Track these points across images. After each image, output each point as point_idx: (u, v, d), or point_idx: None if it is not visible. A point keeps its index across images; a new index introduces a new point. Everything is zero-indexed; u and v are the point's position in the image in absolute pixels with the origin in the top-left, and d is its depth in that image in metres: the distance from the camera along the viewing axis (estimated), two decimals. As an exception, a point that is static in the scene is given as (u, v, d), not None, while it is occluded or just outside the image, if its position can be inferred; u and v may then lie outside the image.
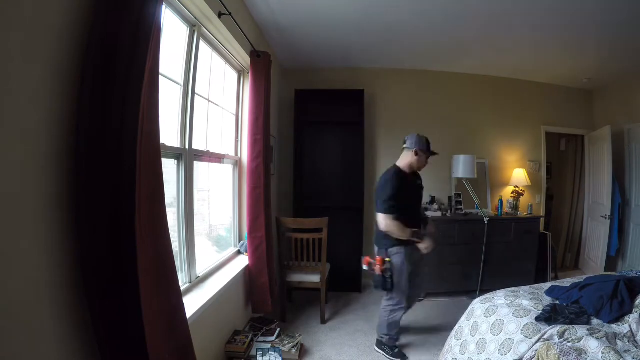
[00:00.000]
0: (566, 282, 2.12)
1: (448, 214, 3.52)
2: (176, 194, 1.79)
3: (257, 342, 2.26)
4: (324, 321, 2.82)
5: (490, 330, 1.70)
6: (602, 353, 1.29)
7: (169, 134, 1.72)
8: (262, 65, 2.49)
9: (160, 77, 1.22)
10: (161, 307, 1.17)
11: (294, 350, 2.21)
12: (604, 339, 1.38)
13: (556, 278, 3.62)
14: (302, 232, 2.74)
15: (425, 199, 3.74)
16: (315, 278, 2.78)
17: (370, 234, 3.82)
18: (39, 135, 0.89)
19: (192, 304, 1.63)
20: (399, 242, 2.17)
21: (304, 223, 2.76)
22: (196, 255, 1.91)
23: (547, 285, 2.09)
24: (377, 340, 2.39)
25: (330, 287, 3.22)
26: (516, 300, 1.84)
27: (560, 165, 4.79)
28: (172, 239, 1.27)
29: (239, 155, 2.75)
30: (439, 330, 2.66)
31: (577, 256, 4.43)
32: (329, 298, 3.16)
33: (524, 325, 1.58)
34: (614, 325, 1.58)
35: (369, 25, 2.74)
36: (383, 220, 2.13)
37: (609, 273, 2.65)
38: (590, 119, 4.25)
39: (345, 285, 3.55)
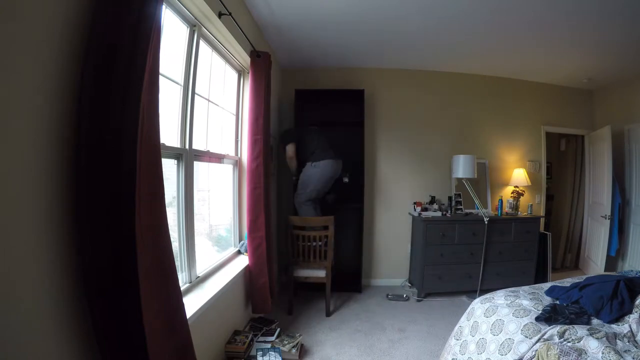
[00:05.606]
0: (566, 282, 2.12)
1: (448, 214, 3.52)
2: (176, 194, 1.79)
3: (257, 342, 2.26)
4: (329, 314, 2.92)
5: (490, 330, 1.70)
6: (602, 353, 1.29)
7: (169, 134, 1.72)
8: (262, 65, 2.49)
9: (160, 77, 1.22)
10: (161, 307, 1.18)
11: (294, 350, 2.21)
12: (604, 339, 1.38)
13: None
14: (309, 229, 2.90)
15: (425, 198, 3.76)
16: (320, 273, 2.92)
17: (369, 235, 3.83)
18: (39, 136, 0.89)
19: (192, 304, 1.63)
20: None
21: (310, 221, 2.94)
22: (196, 255, 1.91)
23: (547, 285, 2.09)
24: None
25: (330, 287, 3.24)
26: (516, 300, 1.84)
27: (560, 165, 4.79)
28: (172, 239, 1.27)
29: (239, 156, 2.75)
30: (439, 330, 2.67)
31: (577, 256, 4.44)
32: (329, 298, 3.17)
33: (524, 325, 1.58)
34: (614, 325, 1.58)
35: (369, 25, 2.74)
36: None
37: (609, 273, 2.65)
38: (590, 119, 4.25)
39: (346, 286, 3.55)
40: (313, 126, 3.32)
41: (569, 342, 1.42)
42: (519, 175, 3.85)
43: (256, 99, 2.46)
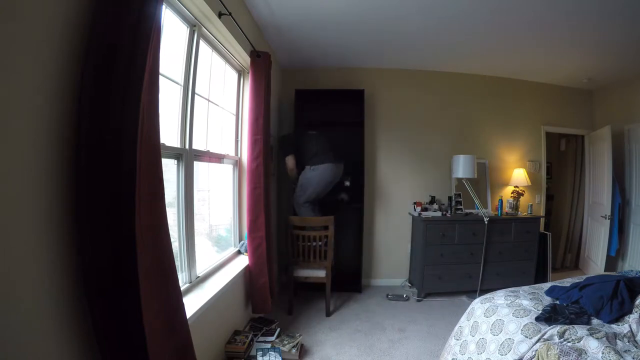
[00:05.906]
0: (566, 282, 2.12)
1: (448, 214, 3.52)
2: (176, 194, 1.79)
3: (257, 342, 2.26)
4: (329, 314, 2.92)
5: (490, 330, 1.70)
6: (602, 353, 1.29)
7: (169, 134, 1.72)
8: (262, 65, 2.49)
9: (160, 77, 1.22)
10: (161, 307, 1.18)
11: (294, 350, 2.21)
12: (604, 339, 1.38)
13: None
14: (309, 229, 2.90)
15: (425, 198, 3.76)
16: (320, 273, 2.92)
17: (369, 235, 3.83)
18: (39, 136, 0.88)
19: (192, 304, 1.63)
20: None
21: (310, 221, 2.93)
22: (196, 255, 1.91)
23: (547, 285, 2.09)
24: None
25: (330, 287, 3.24)
26: (516, 300, 1.84)
27: (560, 165, 4.79)
28: (172, 239, 1.27)
29: (239, 156, 2.75)
30: (439, 330, 2.67)
31: (577, 256, 4.44)
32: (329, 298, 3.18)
33: (524, 325, 1.58)
34: (614, 325, 1.58)
35: (369, 25, 2.74)
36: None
37: (609, 273, 2.65)
38: (590, 119, 4.25)
39: (346, 286, 3.55)
40: (313, 131, 3.28)
41: (569, 342, 1.42)
42: (519, 175, 3.85)
43: (256, 99, 2.46)
